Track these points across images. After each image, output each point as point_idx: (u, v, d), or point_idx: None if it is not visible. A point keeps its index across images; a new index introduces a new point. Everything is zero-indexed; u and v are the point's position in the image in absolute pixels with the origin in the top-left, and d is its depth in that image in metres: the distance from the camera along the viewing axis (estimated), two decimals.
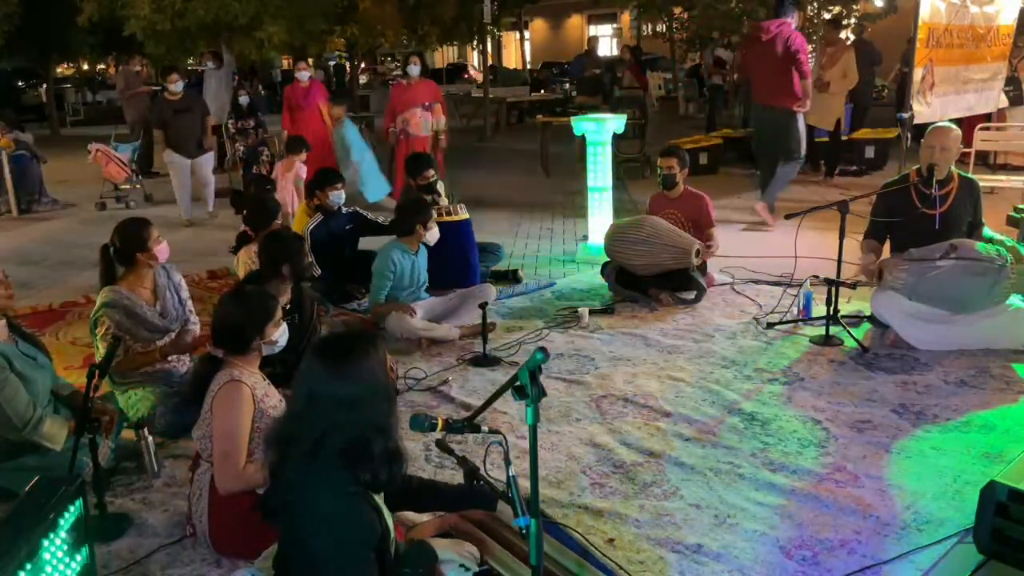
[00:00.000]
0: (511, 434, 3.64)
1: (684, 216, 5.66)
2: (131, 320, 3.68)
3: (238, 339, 2.87)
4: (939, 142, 4.58)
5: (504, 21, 24.01)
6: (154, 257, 3.79)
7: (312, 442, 2.06)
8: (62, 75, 28.06)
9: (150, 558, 2.86)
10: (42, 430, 3.13)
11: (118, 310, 3.65)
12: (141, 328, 3.72)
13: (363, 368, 2.11)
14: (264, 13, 11.32)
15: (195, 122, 8.58)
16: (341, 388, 2.07)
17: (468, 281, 5.42)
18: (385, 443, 2.09)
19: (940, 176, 4.57)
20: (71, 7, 14.35)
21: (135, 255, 3.76)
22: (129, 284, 3.77)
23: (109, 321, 3.61)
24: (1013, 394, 3.96)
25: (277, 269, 3.91)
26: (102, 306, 3.65)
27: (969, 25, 7.49)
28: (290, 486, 2.12)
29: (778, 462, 3.39)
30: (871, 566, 2.70)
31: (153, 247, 3.77)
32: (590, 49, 14.97)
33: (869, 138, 10.50)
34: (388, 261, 4.87)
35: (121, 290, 3.72)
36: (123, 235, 3.77)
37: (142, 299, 3.77)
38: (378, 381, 2.13)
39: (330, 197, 5.71)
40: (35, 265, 7.17)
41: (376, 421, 2.09)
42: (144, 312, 3.74)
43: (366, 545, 2.07)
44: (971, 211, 4.67)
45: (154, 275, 3.86)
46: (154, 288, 3.85)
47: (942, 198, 4.59)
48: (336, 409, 2.06)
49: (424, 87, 8.95)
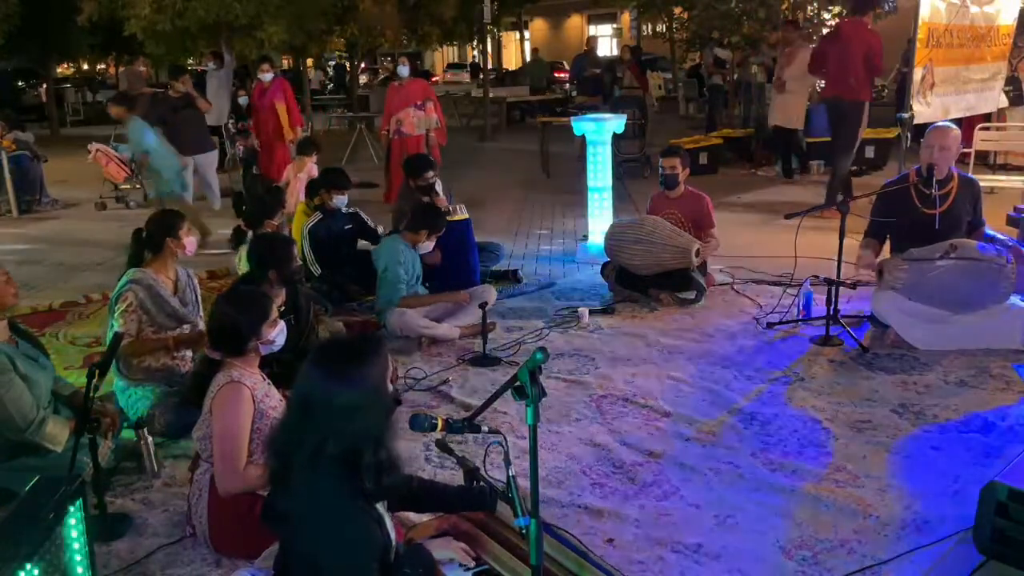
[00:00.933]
0: (511, 434, 3.64)
1: (685, 216, 5.66)
2: (153, 301, 3.74)
3: (234, 340, 2.86)
4: (938, 142, 4.59)
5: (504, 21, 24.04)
6: (182, 246, 3.88)
7: (312, 447, 2.04)
8: (62, 75, 28.06)
9: (150, 558, 2.86)
10: (44, 431, 3.13)
11: (142, 288, 3.72)
12: (161, 311, 3.77)
13: (360, 377, 2.08)
14: (264, 13, 11.32)
15: (195, 120, 8.58)
16: (337, 395, 2.05)
17: (468, 282, 5.42)
18: (378, 453, 2.05)
19: (939, 176, 4.57)
20: (71, 7, 14.36)
21: (164, 240, 3.85)
22: (155, 269, 3.85)
23: (132, 297, 3.67)
24: (1013, 394, 3.96)
25: (265, 273, 3.90)
26: (128, 281, 3.72)
27: (969, 25, 7.50)
28: (292, 495, 2.10)
29: (778, 462, 3.39)
30: (871, 566, 2.70)
31: (183, 237, 3.88)
32: (590, 49, 14.95)
33: (869, 138, 10.48)
34: (396, 252, 4.87)
35: (147, 271, 3.81)
36: (156, 222, 3.92)
37: (166, 286, 3.84)
38: (374, 391, 2.10)
39: (334, 200, 5.72)
40: (35, 265, 7.17)
41: (370, 431, 2.06)
42: (167, 296, 3.80)
43: (370, 557, 2.06)
44: (971, 211, 4.68)
45: (177, 270, 3.94)
46: (176, 281, 3.93)
47: (942, 198, 4.60)
48: (331, 416, 2.04)
49: (416, 86, 8.96)
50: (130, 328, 3.64)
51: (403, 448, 3.52)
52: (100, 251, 7.54)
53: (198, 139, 8.63)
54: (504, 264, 6.44)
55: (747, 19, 12.26)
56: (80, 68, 30.69)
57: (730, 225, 7.33)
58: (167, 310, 3.79)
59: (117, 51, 20.85)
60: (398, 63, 9.03)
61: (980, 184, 4.85)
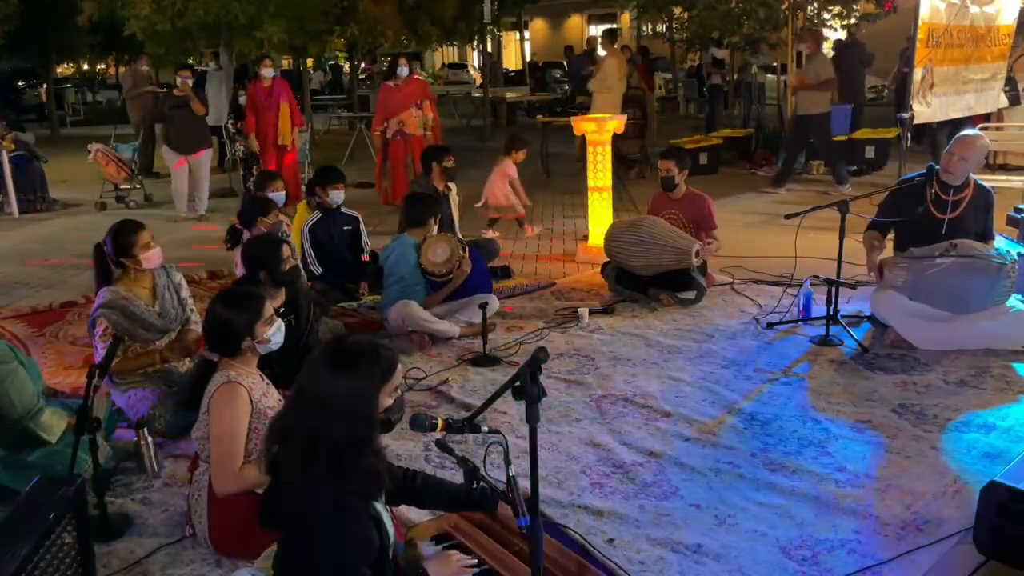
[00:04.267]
0: (511, 434, 3.64)
1: (685, 217, 5.65)
2: (129, 320, 3.67)
3: (229, 341, 2.84)
4: (960, 151, 4.53)
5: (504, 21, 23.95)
6: (139, 263, 3.73)
7: (302, 445, 2.06)
8: (62, 75, 28.05)
9: (150, 558, 2.86)
10: (40, 420, 3.14)
11: (115, 311, 3.64)
12: (139, 328, 3.71)
13: (353, 380, 2.10)
14: (264, 13, 11.31)
15: (194, 118, 8.58)
16: (327, 390, 2.08)
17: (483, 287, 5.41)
18: (358, 459, 2.07)
19: (953, 183, 4.55)
20: (71, 7, 14.35)
21: (122, 260, 3.74)
22: (127, 285, 3.76)
23: (106, 322, 3.60)
24: (1013, 394, 3.96)
25: (256, 274, 3.89)
26: (99, 308, 3.64)
27: (969, 25, 7.49)
28: (285, 494, 2.12)
29: (778, 462, 3.39)
30: (871, 566, 2.70)
31: (140, 254, 3.72)
32: (589, 49, 14.95)
33: (869, 138, 10.51)
34: (408, 254, 4.87)
35: (118, 290, 3.71)
36: (112, 239, 3.74)
37: (140, 299, 3.75)
38: (362, 398, 2.11)
39: (330, 196, 5.71)
40: (35, 265, 7.17)
41: (353, 435, 2.08)
42: (142, 312, 3.72)
43: (360, 560, 2.07)
44: (981, 221, 4.63)
45: (153, 275, 3.85)
46: (153, 288, 3.83)
47: (954, 204, 4.58)
48: (318, 409, 2.08)
49: (415, 86, 8.95)
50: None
51: (403, 448, 3.54)
52: None
53: (194, 139, 8.65)
54: (498, 261, 6.44)
55: (747, 19, 12.25)
56: (80, 68, 30.67)
57: (730, 225, 7.33)
58: (146, 326, 3.73)
59: (117, 51, 20.84)
60: (398, 64, 9.01)
61: (995, 195, 4.76)
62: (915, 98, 6.99)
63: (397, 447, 3.55)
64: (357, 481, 2.07)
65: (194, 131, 8.66)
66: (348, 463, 2.06)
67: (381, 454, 2.17)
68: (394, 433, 3.64)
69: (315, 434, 2.07)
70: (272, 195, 5.38)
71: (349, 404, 2.08)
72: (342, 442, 2.06)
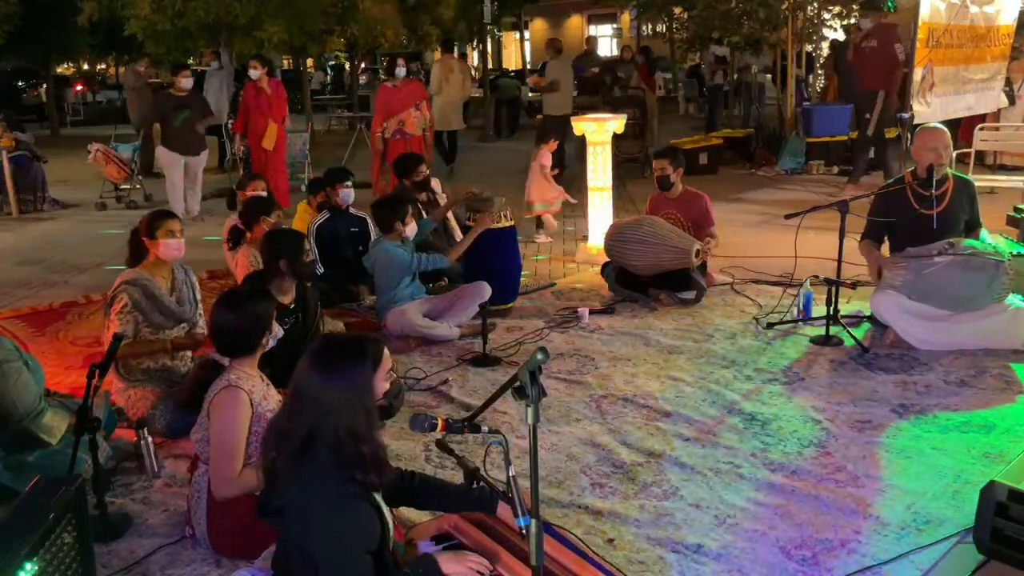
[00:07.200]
0: (511, 434, 3.64)
1: (684, 216, 5.65)
2: (148, 300, 3.73)
3: (244, 345, 2.86)
4: (940, 143, 4.60)
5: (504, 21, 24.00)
6: (158, 247, 3.80)
7: (301, 440, 2.11)
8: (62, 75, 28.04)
9: (150, 558, 2.86)
10: (41, 421, 3.14)
11: (137, 288, 3.71)
12: (156, 311, 3.76)
13: (345, 375, 2.16)
14: (264, 13, 11.33)
15: (192, 119, 8.58)
16: (321, 390, 2.13)
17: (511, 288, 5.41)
18: (359, 449, 2.11)
19: (940, 175, 4.58)
20: (71, 7, 14.37)
21: (143, 241, 3.83)
22: (150, 269, 3.83)
23: (127, 297, 3.66)
24: (1013, 394, 3.96)
25: (276, 265, 3.90)
26: (122, 283, 3.70)
27: (969, 25, 7.50)
28: (284, 488, 2.14)
29: (778, 462, 3.39)
30: (871, 566, 2.70)
31: (161, 238, 3.79)
32: (589, 49, 14.94)
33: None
34: (395, 252, 4.87)
35: (142, 271, 3.79)
36: (145, 219, 3.87)
37: (161, 286, 3.82)
38: (358, 389, 2.17)
39: (340, 194, 5.71)
40: (35, 265, 7.16)
41: (353, 427, 2.12)
42: (161, 295, 3.78)
43: (359, 550, 2.08)
44: (968, 210, 4.68)
45: (173, 268, 3.92)
46: (172, 280, 3.90)
47: (939, 198, 4.60)
48: (317, 410, 2.12)
49: (414, 87, 8.95)
50: (127, 329, 3.63)
51: (403, 448, 3.54)
52: (100, 251, 7.53)
53: (192, 140, 8.65)
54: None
55: (747, 19, 12.25)
56: (80, 68, 30.67)
57: (730, 225, 7.33)
58: (163, 309, 3.78)
59: (117, 51, 20.85)
60: (396, 64, 9.01)
61: (976, 184, 4.84)
62: (915, 98, 6.99)
63: (397, 447, 3.55)
64: (360, 470, 2.11)
65: (193, 133, 8.66)
66: (349, 454, 2.10)
67: (382, 442, 2.21)
68: (394, 433, 3.65)
69: (314, 434, 2.11)
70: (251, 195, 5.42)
71: (345, 398, 2.14)
72: (342, 435, 2.11)
